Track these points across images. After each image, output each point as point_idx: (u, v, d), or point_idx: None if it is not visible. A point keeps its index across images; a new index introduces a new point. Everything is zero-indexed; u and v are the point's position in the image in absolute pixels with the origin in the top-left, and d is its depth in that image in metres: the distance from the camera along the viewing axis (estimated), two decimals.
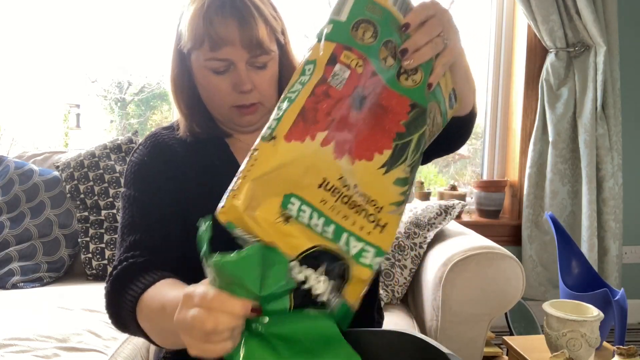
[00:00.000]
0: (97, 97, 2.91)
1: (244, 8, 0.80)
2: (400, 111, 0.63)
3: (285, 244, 0.56)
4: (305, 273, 0.57)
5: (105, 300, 0.82)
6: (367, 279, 0.61)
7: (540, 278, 2.26)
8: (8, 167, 1.83)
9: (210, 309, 0.53)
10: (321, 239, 0.59)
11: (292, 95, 0.61)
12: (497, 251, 1.30)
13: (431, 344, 0.65)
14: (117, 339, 1.26)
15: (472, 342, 1.32)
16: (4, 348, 1.12)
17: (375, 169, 0.62)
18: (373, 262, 0.61)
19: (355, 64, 0.61)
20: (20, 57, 2.69)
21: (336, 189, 0.59)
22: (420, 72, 0.65)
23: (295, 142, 0.58)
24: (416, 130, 0.64)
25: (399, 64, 0.64)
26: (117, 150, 1.87)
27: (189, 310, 0.54)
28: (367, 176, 0.61)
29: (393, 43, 0.64)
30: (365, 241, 0.61)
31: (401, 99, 0.63)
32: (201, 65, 0.83)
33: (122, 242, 0.85)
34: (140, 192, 0.87)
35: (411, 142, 0.64)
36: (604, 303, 1.20)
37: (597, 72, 2.13)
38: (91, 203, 1.78)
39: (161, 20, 2.62)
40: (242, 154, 0.92)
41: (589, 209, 2.13)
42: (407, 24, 0.63)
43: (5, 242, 1.73)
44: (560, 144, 2.19)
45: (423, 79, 0.65)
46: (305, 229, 0.58)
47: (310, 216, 0.58)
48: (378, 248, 0.61)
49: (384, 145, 0.62)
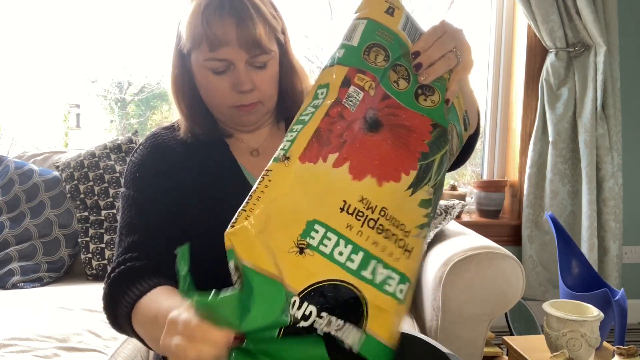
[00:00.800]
0: (97, 97, 2.91)
1: (242, 8, 0.80)
2: (423, 131, 0.62)
3: (293, 276, 0.54)
4: (308, 310, 0.54)
5: (103, 301, 0.82)
6: (390, 309, 0.58)
7: (540, 278, 2.26)
8: (8, 167, 1.83)
9: (193, 338, 0.52)
10: (341, 270, 0.56)
11: (306, 118, 0.60)
12: (497, 251, 1.30)
13: (431, 344, 0.65)
14: (117, 339, 1.26)
15: (472, 342, 1.32)
16: (4, 348, 1.12)
17: (403, 191, 0.60)
18: (396, 290, 0.59)
19: (369, 87, 0.61)
20: (20, 57, 2.69)
21: (359, 212, 0.57)
22: (437, 93, 0.65)
23: (309, 163, 0.57)
24: (438, 150, 0.64)
25: (414, 85, 0.64)
26: (117, 150, 1.87)
27: (172, 337, 0.54)
28: (395, 199, 0.60)
29: (403, 66, 0.64)
30: (392, 268, 0.59)
31: (423, 119, 0.63)
32: (201, 66, 0.83)
33: (120, 242, 0.85)
34: (139, 193, 0.87)
35: (434, 162, 0.63)
36: (604, 303, 1.20)
37: (597, 72, 2.13)
38: (91, 203, 1.78)
39: (161, 20, 2.62)
40: (243, 155, 0.92)
41: (589, 209, 2.13)
42: (417, 52, 0.64)
43: (5, 242, 1.73)
44: (560, 144, 2.19)
45: (440, 99, 0.65)
46: (322, 261, 0.55)
47: (335, 244, 0.56)
48: (403, 275, 0.60)
49: (410, 166, 0.61)
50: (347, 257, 0.56)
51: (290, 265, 0.54)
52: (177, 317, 0.55)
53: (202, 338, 0.52)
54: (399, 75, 0.63)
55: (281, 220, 0.55)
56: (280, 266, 0.53)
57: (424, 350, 0.65)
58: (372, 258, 0.57)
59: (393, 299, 0.58)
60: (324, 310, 0.54)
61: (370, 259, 0.57)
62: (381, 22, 0.64)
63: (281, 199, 0.55)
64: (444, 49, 0.64)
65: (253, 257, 0.53)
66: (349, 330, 0.56)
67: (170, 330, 0.55)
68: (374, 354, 0.57)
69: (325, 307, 0.54)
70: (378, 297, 0.57)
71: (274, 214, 0.55)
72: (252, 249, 0.54)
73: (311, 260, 0.54)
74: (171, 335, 0.54)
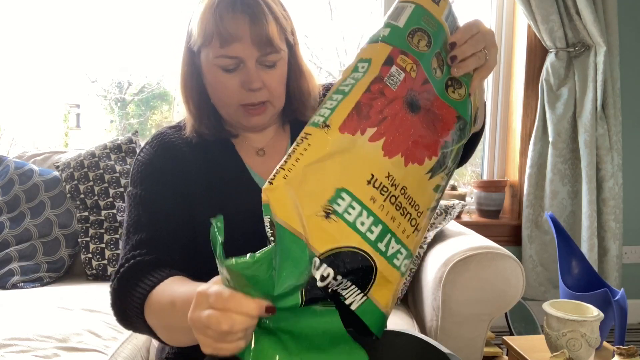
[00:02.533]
0: (97, 97, 2.91)
1: (255, 5, 0.80)
2: (449, 121, 0.65)
3: (317, 238, 0.57)
4: (327, 271, 0.57)
5: (110, 297, 0.81)
6: (394, 281, 0.62)
7: (540, 278, 2.26)
8: (8, 167, 1.83)
9: (226, 309, 0.53)
10: (360, 239, 0.58)
11: (346, 89, 0.62)
12: (497, 251, 1.30)
13: (431, 344, 0.65)
14: (117, 339, 1.26)
15: (472, 342, 1.32)
16: (4, 348, 1.12)
17: (423, 174, 0.63)
18: (402, 264, 0.62)
19: (410, 68, 0.64)
20: (20, 57, 2.69)
21: (384, 187, 0.60)
22: (464, 87, 0.68)
23: (347, 134, 0.60)
24: (458, 141, 0.67)
25: (446, 76, 0.67)
26: (117, 150, 1.87)
27: (203, 310, 0.54)
28: (415, 180, 0.63)
29: (441, 56, 0.67)
30: (402, 243, 0.62)
31: (449, 110, 0.66)
32: (210, 63, 0.82)
33: (127, 240, 0.84)
34: (147, 191, 0.87)
35: (452, 151, 0.66)
36: (604, 303, 1.20)
37: (597, 72, 2.13)
38: (91, 203, 1.78)
39: (161, 20, 2.62)
40: (248, 154, 0.92)
41: (589, 209, 2.13)
42: (454, 42, 0.67)
43: (5, 242, 1.73)
44: (560, 144, 2.19)
45: (466, 93, 0.68)
46: (344, 228, 0.58)
47: (358, 214, 0.58)
48: (409, 251, 0.63)
49: (433, 152, 0.64)
50: (367, 227, 0.59)
51: (315, 228, 0.57)
52: (208, 290, 0.55)
53: (236, 308, 0.53)
54: (438, 64, 0.66)
55: (313, 184, 0.58)
56: (306, 227, 0.56)
57: (424, 350, 0.65)
58: (389, 232, 0.60)
59: (398, 272, 0.62)
60: (340, 273, 0.57)
61: (387, 233, 0.60)
62: (428, 9, 0.67)
63: (317, 164, 0.58)
64: (476, 47, 0.67)
65: (285, 214, 0.56)
66: (353, 291, 0.59)
67: (200, 303, 0.55)
68: (369, 317, 0.60)
69: (341, 271, 0.57)
70: (387, 268, 0.60)
71: (308, 178, 0.58)
72: (284, 206, 0.57)
73: (335, 225, 0.57)
74: (202, 308, 0.55)
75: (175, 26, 2.60)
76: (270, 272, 0.54)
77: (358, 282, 0.59)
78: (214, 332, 0.53)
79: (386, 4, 2.30)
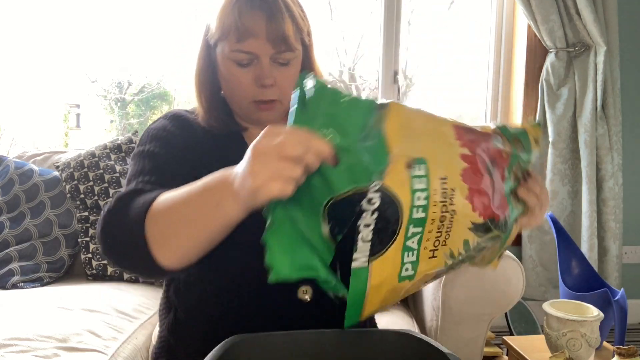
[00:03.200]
0: (97, 97, 2.91)
1: (274, 3, 0.82)
2: (501, 209, 0.69)
3: (393, 171, 0.59)
4: (375, 199, 0.58)
5: (100, 223, 0.73)
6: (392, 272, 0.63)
7: (540, 278, 2.26)
8: (8, 167, 1.83)
9: (301, 141, 0.55)
10: (409, 207, 0.60)
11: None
12: None
13: (431, 344, 0.65)
14: (117, 339, 1.26)
15: (472, 342, 1.32)
16: (4, 348, 1.12)
17: (468, 220, 0.66)
18: (406, 270, 0.63)
19: (504, 152, 0.72)
20: (20, 57, 2.69)
21: (446, 193, 0.63)
22: (521, 208, 0.74)
23: (456, 140, 0.66)
24: (491, 234, 0.69)
25: (515, 186, 0.73)
26: (117, 150, 1.87)
27: (275, 137, 0.56)
28: (461, 218, 0.65)
29: (520, 167, 0.74)
30: (418, 252, 0.63)
31: (506, 207, 0.70)
32: (226, 57, 0.84)
33: (126, 186, 0.79)
34: (155, 148, 0.84)
35: (489, 234, 0.68)
36: (604, 303, 1.20)
37: (597, 72, 2.13)
38: (91, 203, 1.78)
39: (161, 20, 2.62)
40: None
41: (589, 209, 2.13)
42: (531, 174, 0.75)
43: (5, 242, 1.73)
44: (560, 144, 2.19)
45: (519, 213, 0.74)
46: (408, 187, 0.60)
47: (420, 190, 0.61)
48: (416, 265, 0.64)
49: (485, 213, 0.67)
50: (418, 206, 0.61)
51: (397, 164, 0.59)
52: (277, 127, 0.57)
53: (309, 142, 0.55)
54: (514, 172, 0.73)
55: (420, 138, 0.63)
56: (392, 157, 0.59)
57: (424, 350, 0.65)
58: (422, 226, 0.62)
59: (398, 269, 0.63)
60: (379, 212, 0.58)
61: (423, 224, 0.62)
62: (530, 133, 0.77)
63: (433, 132, 0.65)
64: (541, 192, 0.75)
65: (391, 126, 0.60)
66: (365, 248, 0.60)
67: (272, 132, 0.57)
68: (355, 285, 0.61)
69: (382, 213, 0.58)
70: (397, 254, 0.62)
71: (422, 132, 0.64)
72: (394, 120, 0.61)
73: (405, 179, 0.60)
74: (273, 136, 0.56)
75: (175, 26, 2.60)
76: (361, 120, 0.59)
77: (376, 239, 0.60)
78: (279, 158, 0.54)
79: (386, 4, 2.30)
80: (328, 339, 0.67)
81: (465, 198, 0.65)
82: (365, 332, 0.69)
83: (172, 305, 0.90)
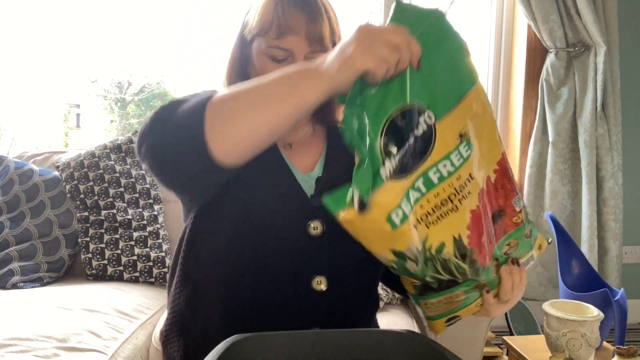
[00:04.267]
0: (97, 97, 2.91)
1: (315, 5, 0.86)
2: (483, 256, 0.71)
3: (447, 127, 0.66)
4: (423, 122, 0.64)
5: (150, 117, 0.73)
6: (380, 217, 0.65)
7: (540, 278, 2.26)
8: (8, 167, 1.83)
9: (402, 33, 0.63)
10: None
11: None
12: None
13: (431, 344, 0.65)
14: (117, 339, 1.26)
15: (472, 342, 1.32)
16: (4, 348, 1.12)
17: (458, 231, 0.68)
18: (400, 216, 0.65)
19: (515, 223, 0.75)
20: (20, 57, 2.69)
21: (462, 189, 0.67)
22: (494, 281, 0.75)
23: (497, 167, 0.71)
24: (465, 267, 0.71)
25: (503, 259, 0.75)
26: (117, 150, 1.87)
27: (380, 27, 0.64)
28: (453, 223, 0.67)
29: (517, 246, 0.76)
30: (409, 211, 0.65)
31: (486, 261, 0.72)
32: (262, 52, 0.86)
33: None
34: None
35: (463, 263, 0.70)
36: (604, 303, 1.20)
37: (597, 72, 2.13)
38: (91, 203, 1.78)
39: (161, 20, 2.62)
40: (278, 142, 0.92)
41: (589, 209, 2.13)
42: (520, 265, 0.77)
43: (5, 242, 1.73)
44: (560, 144, 2.19)
45: (491, 284, 0.75)
46: (446, 150, 0.66)
47: (451, 164, 0.66)
48: (405, 214, 0.66)
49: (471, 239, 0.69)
50: (439, 170, 0.66)
51: (458, 122, 0.67)
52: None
53: (407, 37, 0.63)
54: (513, 244, 0.76)
55: (482, 130, 0.69)
56: (465, 109, 0.68)
57: (424, 350, 0.65)
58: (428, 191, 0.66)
59: (390, 215, 0.64)
60: (414, 142, 0.64)
61: (428, 188, 0.66)
62: None
63: (490, 139, 0.70)
64: (514, 289, 0.76)
65: (474, 93, 0.69)
66: (395, 161, 0.64)
67: (368, 29, 0.64)
68: (337, 194, 0.64)
69: (414, 143, 0.64)
70: (396, 197, 0.64)
71: (484, 126, 0.69)
72: (476, 93, 0.69)
73: (451, 141, 0.66)
74: (376, 25, 0.64)
75: (175, 26, 2.60)
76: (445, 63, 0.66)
77: (398, 163, 0.63)
78: (381, 40, 0.62)
79: (386, 4, 2.31)
80: (328, 339, 0.67)
81: (469, 211, 0.67)
82: (365, 332, 0.69)
83: (191, 280, 0.90)
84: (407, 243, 0.66)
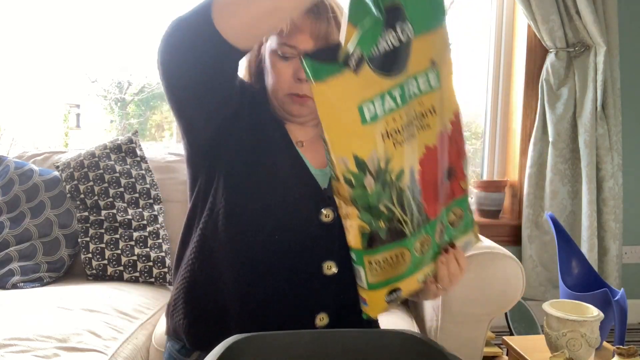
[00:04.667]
0: (97, 97, 2.91)
1: (323, 6, 0.90)
2: (431, 209, 0.74)
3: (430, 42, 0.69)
4: (407, 28, 0.66)
5: (165, 38, 0.78)
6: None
7: (540, 278, 2.26)
8: (8, 167, 1.83)
9: None
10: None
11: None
12: (497, 251, 1.30)
13: (431, 344, 0.65)
14: (117, 339, 1.26)
15: (472, 342, 1.32)
16: (4, 348, 1.12)
17: (412, 165, 0.70)
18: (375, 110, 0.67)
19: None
20: (20, 57, 2.69)
21: (423, 117, 0.69)
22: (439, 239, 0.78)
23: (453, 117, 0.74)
24: (415, 226, 0.73)
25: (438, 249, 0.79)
26: (117, 150, 1.87)
27: None
28: (409, 156, 0.69)
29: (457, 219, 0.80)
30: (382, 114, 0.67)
31: (437, 211, 0.74)
32: (273, 49, 0.92)
33: None
34: None
35: (410, 205, 0.71)
36: (604, 303, 1.20)
37: (597, 72, 2.13)
38: (91, 203, 1.78)
39: (161, 20, 2.62)
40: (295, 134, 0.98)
41: (589, 209, 2.13)
42: (457, 248, 0.83)
43: (5, 242, 1.73)
44: (560, 144, 2.19)
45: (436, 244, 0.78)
46: (424, 66, 0.69)
47: (424, 81, 0.70)
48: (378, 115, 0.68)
49: (421, 180, 0.71)
50: (412, 87, 0.69)
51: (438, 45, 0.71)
52: None
53: None
54: (455, 214, 0.79)
55: (447, 77, 0.73)
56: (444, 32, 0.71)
57: (424, 350, 0.65)
58: (398, 107, 0.68)
59: (362, 104, 0.66)
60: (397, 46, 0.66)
61: (398, 104, 0.68)
62: None
63: (448, 88, 0.73)
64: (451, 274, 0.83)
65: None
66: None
67: None
68: (322, 65, 0.65)
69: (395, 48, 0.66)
70: (373, 88, 0.66)
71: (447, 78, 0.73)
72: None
73: (426, 57, 0.70)
74: None
75: None
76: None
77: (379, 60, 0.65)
78: None
79: None
80: (328, 339, 0.67)
81: (424, 146, 0.69)
82: (366, 332, 0.69)
83: (209, 248, 0.93)
84: (370, 150, 0.66)
